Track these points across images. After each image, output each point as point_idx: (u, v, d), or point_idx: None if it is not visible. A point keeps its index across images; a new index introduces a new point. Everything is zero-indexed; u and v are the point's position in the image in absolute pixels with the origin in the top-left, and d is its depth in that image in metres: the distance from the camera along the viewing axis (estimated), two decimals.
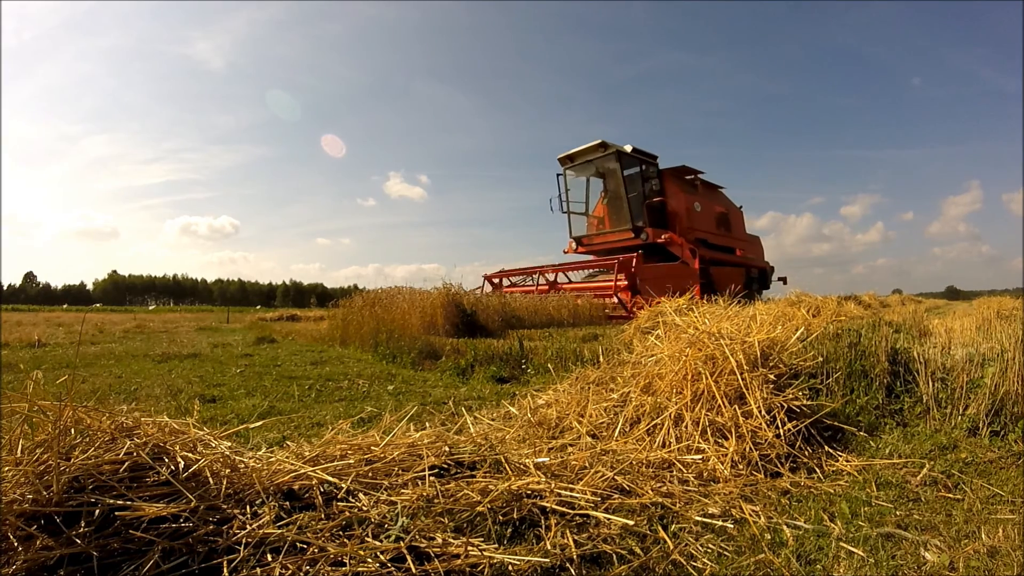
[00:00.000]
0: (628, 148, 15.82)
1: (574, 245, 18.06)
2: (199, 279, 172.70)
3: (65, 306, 68.00)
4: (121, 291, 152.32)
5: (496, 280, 16.20)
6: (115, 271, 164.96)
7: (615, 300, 12.86)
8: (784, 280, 21.37)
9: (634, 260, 13.13)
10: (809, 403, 3.30)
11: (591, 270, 16.57)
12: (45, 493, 1.77)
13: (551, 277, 14.84)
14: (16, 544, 1.68)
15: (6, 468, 1.90)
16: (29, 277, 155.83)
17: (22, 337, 12.73)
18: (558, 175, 17.25)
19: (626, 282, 13.05)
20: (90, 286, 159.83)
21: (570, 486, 2.39)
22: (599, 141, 15.90)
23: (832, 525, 2.26)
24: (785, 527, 2.25)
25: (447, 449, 2.52)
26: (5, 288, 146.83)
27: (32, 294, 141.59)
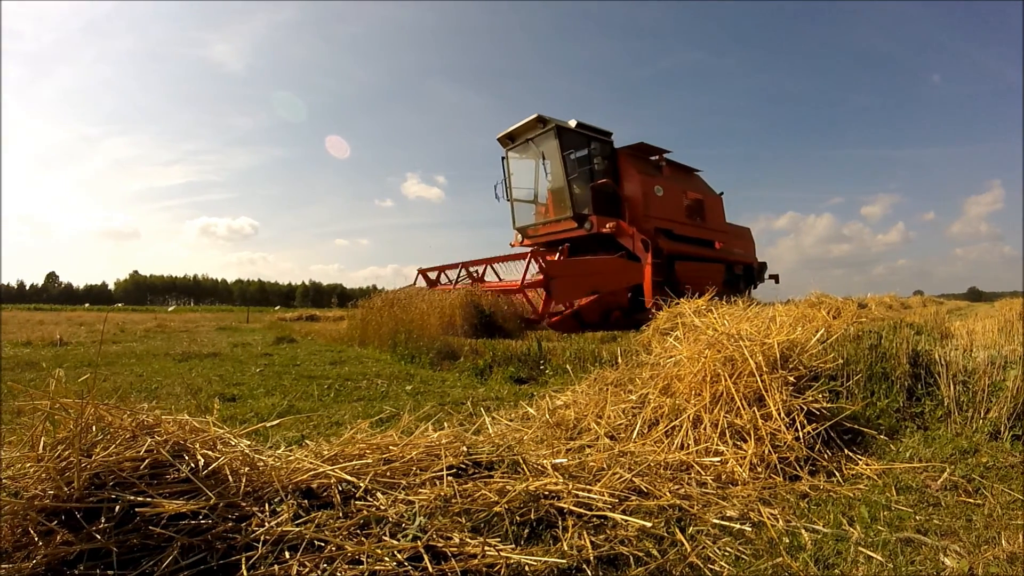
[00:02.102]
0: (572, 123, 13.71)
1: (519, 237, 15.85)
2: (219, 279, 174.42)
3: (87, 305, 68.78)
4: (142, 291, 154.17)
5: (433, 275, 13.98)
6: (136, 271, 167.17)
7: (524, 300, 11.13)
8: (776, 278, 19.54)
9: (558, 254, 11.32)
10: (829, 406, 3.26)
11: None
12: (66, 489, 1.79)
13: (479, 271, 12.97)
14: (36, 539, 1.70)
15: (27, 464, 1.92)
16: (51, 277, 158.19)
17: (44, 336, 12.89)
18: (502, 158, 15.24)
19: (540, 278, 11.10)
20: (111, 286, 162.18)
21: (588, 487, 2.38)
22: (536, 115, 13.64)
23: (851, 529, 2.24)
24: (803, 531, 2.23)
25: (465, 449, 2.52)
26: (28, 288, 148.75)
27: (54, 294, 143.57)
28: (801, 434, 3.01)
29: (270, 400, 5.12)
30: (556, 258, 11.20)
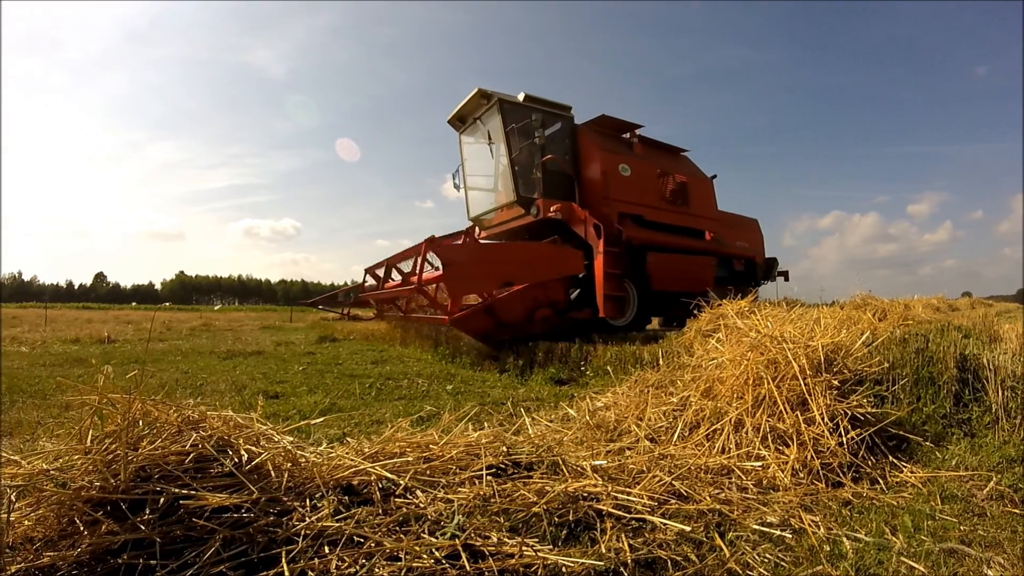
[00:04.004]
0: (520, 96, 11.75)
1: (477, 229, 13.47)
2: (263, 280, 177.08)
3: (134, 304, 70.26)
4: (188, 291, 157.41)
5: (381, 272, 11.56)
6: (182, 271, 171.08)
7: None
8: (786, 275, 16.85)
9: (464, 237, 9.47)
10: (874, 411, 3.18)
11: None
12: (112, 481, 1.83)
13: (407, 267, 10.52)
14: (82, 528, 1.74)
15: (75, 456, 1.97)
16: (99, 277, 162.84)
17: (92, 333, 13.25)
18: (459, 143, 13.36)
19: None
20: (158, 286, 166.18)
21: (627, 490, 2.36)
22: (477, 90, 11.68)
23: (893, 539, 2.19)
24: (845, 539, 2.18)
25: (505, 449, 2.52)
26: (76, 287, 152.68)
27: (102, 293, 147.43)
28: (845, 440, 2.94)
29: (312, 398, 5.19)
30: (462, 242, 9.44)
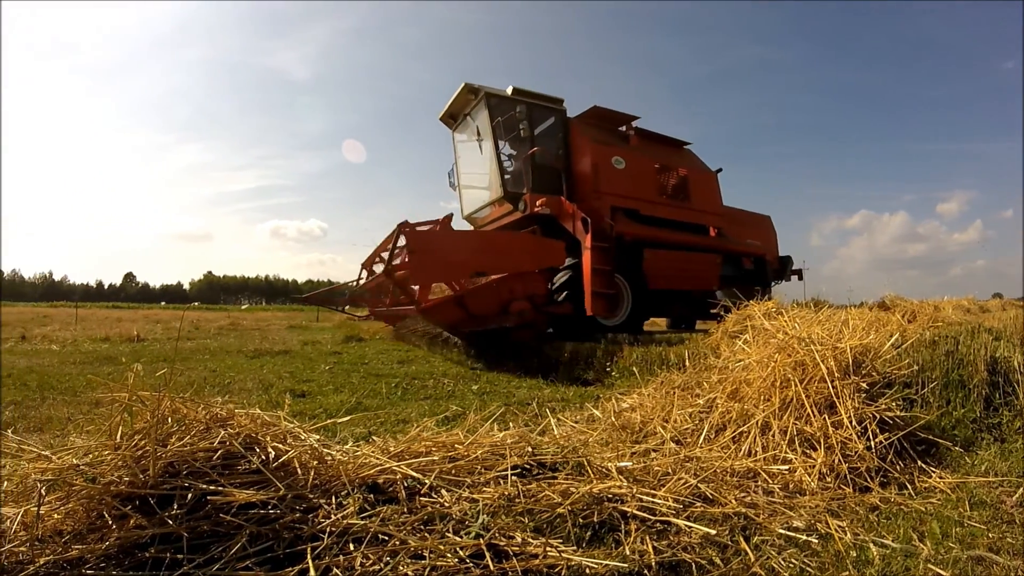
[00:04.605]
0: (508, 90, 11.34)
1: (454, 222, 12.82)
2: (290, 280, 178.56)
3: (163, 304, 71.28)
4: (216, 291, 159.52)
5: (376, 268, 11.31)
6: (210, 272, 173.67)
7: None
8: (800, 274, 15.92)
9: (436, 224, 9.02)
10: (903, 414, 3.12)
11: None
12: (141, 476, 1.86)
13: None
14: (110, 522, 1.77)
15: (105, 452, 2.00)
16: (129, 277, 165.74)
17: (122, 332, 13.46)
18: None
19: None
20: (187, 286, 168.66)
21: (652, 492, 2.35)
22: (464, 85, 11.34)
23: (921, 545, 2.15)
24: (872, 545, 2.15)
25: (530, 450, 2.52)
26: (107, 287, 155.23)
27: (132, 293, 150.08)
28: (873, 444, 2.90)
29: (339, 397, 5.23)
30: (434, 228, 9.05)
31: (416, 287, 8.70)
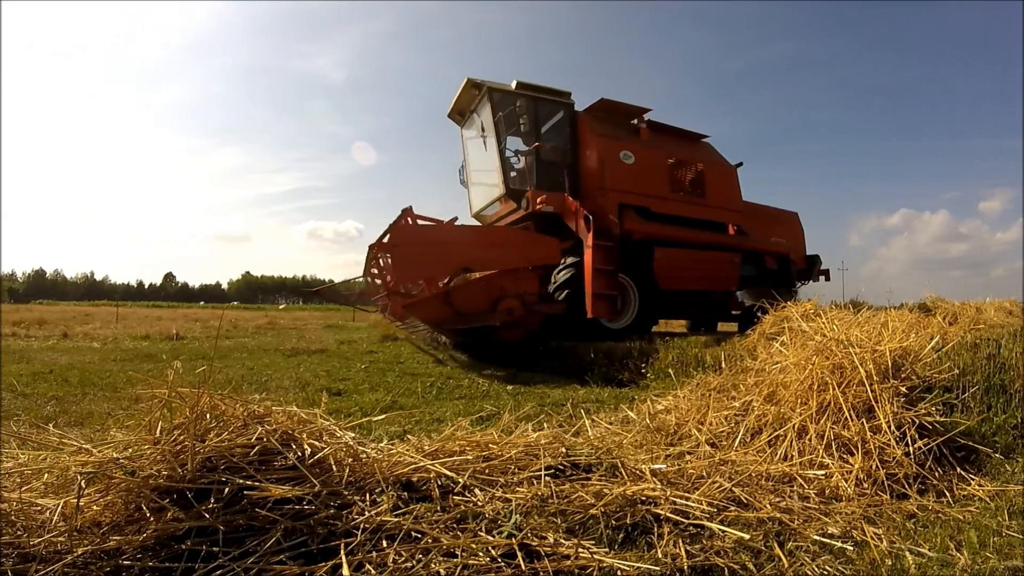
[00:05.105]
0: (512, 84, 10.90)
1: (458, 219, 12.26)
2: (327, 280, 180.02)
3: (201, 303, 72.44)
4: (253, 290, 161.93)
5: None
6: (248, 272, 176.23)
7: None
8: (827, 275, 15.05)
9: (407, 219, 9.07)
10: (942, 419, 3.04)
11: None
12: (180, 471, 1.89)
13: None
14: (148, 514, 1.81)
15: (144, 447, 2.04)
16: (168, 277, 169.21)
17: (162, 330, 13.75)
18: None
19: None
20: (225, 286, 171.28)
21: (685, 495, 2.33)
22: (467, 80, 10.86)
23: (958, 555, 2.09)
24: (908, 553, 2.10)
25: (564, 450, 2.52)
26: (147, 287, 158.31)
27: (171, 292, 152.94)
28: (911, 449, 2.83)
29: (374, 396, 5.29)
30: (404, 222, 8.98)
31: (400, 281, 8.63)
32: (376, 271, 9.30)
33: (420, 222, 8.98)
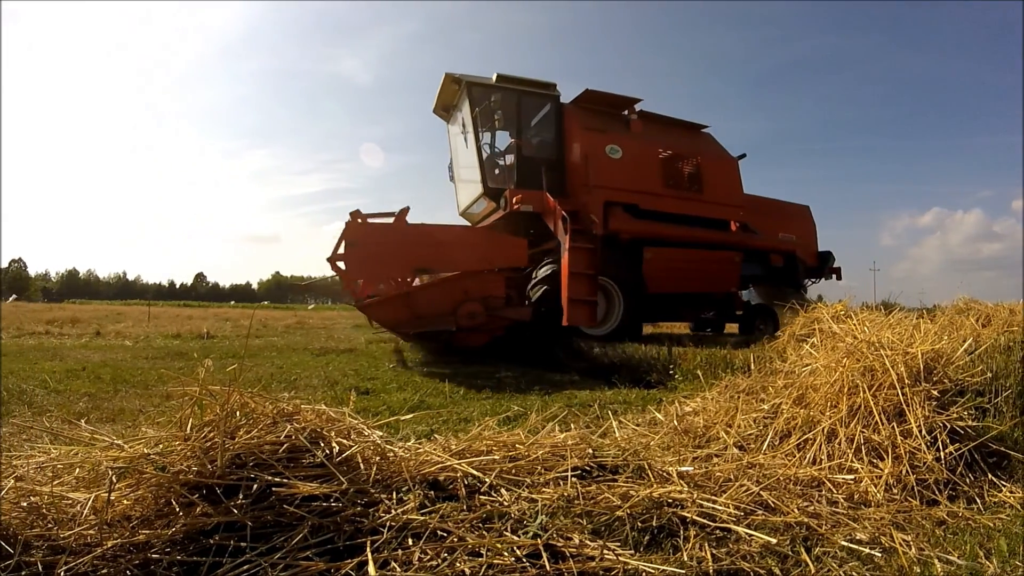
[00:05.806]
0: (492, 77, 10.32)
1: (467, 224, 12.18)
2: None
3: (232, 303, 73.28)
4: (283, 290, 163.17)
5: None
6: (278, 272, 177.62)
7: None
8: (838, 273, 13.94)
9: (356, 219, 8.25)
10: (974, 424, 2.97)
11: None
12: (209, 467, 1.92)
13: None
14: (178, 509, 1.83)
15: (175, 443, 2.07)
16: (199, 277, 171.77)
17: (192, 329, 13.99)
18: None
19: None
20: (255, 285, 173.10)
21: (712, 498, 2.31)
22: (445, 75, 10.44)
23: (987, 563, 2.05)
24: (936, 561, 2.05)
25: (590, 452, 2.52)
26: (178, 286, 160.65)
27: (202, 292, 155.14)
28: (943, 455, 2.77)
29: (402, 395, 5.34)
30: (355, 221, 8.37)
31: (359, 281, 8.35)
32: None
33: (372, 220, 8.54)
